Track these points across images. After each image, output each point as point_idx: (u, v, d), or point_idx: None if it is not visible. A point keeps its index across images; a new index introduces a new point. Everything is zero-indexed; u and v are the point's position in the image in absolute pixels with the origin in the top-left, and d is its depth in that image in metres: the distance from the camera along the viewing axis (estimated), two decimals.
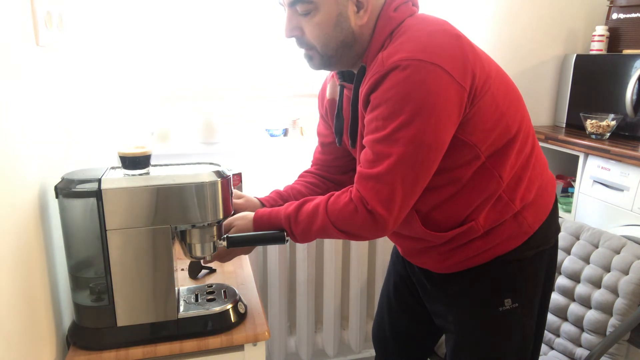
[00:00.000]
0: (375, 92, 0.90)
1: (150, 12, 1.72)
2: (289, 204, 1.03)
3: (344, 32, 0.95)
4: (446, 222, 1.01)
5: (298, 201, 1.03)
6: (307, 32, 0.96)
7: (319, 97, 1.24)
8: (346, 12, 0.94)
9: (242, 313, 1.07)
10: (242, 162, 1.84)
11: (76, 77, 1.19)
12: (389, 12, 0.95)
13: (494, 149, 0.96)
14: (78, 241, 0.96)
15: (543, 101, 2.11)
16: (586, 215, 1.74)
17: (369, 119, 0.92)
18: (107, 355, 0.97)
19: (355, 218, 0.93)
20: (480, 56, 0.94)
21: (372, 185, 0.90)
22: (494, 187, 0.98)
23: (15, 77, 0.83)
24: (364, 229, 0.93)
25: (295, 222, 1.00)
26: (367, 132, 0.93)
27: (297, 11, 0.95)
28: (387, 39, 0.94)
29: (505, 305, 1.04)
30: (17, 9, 0.86)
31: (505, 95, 0.96)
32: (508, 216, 1.00)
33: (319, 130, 1.26)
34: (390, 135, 0.88)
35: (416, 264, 1.16)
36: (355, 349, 1.99)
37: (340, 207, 0.95)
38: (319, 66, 1.01)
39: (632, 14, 1.88)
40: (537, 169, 1.04)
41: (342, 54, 0.98)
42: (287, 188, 1.24)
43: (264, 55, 1.86)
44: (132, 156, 0.97)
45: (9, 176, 0.79)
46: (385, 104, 0.88)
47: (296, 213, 1.00)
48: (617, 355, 1.37)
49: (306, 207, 1.00)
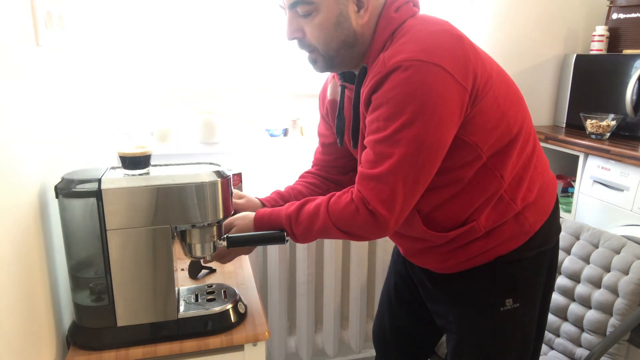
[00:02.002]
0: (376, 92, 0.90)
1: (150, 12, 1.71)
2: (290, 204, 1.03)
3: (345, 31, 0.95)
4: (447, 222, 1.01)
5: (299, 201, 1.02)
6: (308, 34, 0.96)
7: (319, 98, 1.24)
8: (347, 11, 0.94)
9: (242, 313, 1.07)
10: (242, 162, 1.84)
11: (76, 77, 1.19)
12: (390, 12, 0.95)
13: (495, 149, 0.96)
14: (78, 241, 0.96)
15: (543, 101, 2.11)
16: (586, 215, 1.74)
17: (371, 120, 0.92)
18: (107, 355, 0.97)
19: (356, 218, 0.92)
20: (482, 56, 0.94)
21: (373, 186, 0.90)
22: (496, 187, 0.98)
23: (15, 77, 0.83)
24: (365, 230, 0.93)
25: (296, 222, 1.00)
26: (368, 133, 0.93)
27: (297, 13, 0.95)
28: (389, 39, 0.94)
29: (506, 306, 1.04)
30: (17, 9, 0.86)
31: (506, 96, 0.96)
32: (509, 216, 1.00)
33: (320, 130, 1.26)
34: (392, 135, 0.88)
35: (417, 264, 1.16)
36: (355, 349, 1.99)
37: (342, 207, 0.95)
38: (323, 68, 1.01)
39: (632, 14, 1.88)
40: (539, 169, 1.04)
41: (345, 54, 0.98)
42: (287, 188, 1.24)
43: (264, 55, 1.86)
44: (132, 156, 0.97)
45: (9, 176, 0.79)
46: (386, 104, 0.88)
47: (297, 213, 1.00)
48: (617, 355, 1.37)
49: (307, 207, 1.00)
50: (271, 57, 1.87)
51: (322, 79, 1.23)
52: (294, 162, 1.88)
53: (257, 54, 1.85)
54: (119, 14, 1.66)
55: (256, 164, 1.88)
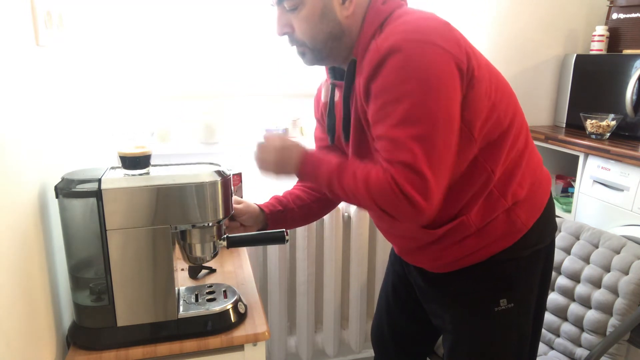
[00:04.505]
0: (375, 80, 0.89)
1: (150, 12, 1.71)
2: (333, 157, 0.98)
3: (330, 24, 0.96)
4: (437, 216, 0.99)
5: (341, 165, 0.96)
6: (296, 28, 0.98)
7: (314, 102, 1.24)
8: (331, 3, 0.95)
9: (242, 313, 1.07)
10: (242, 162, 1.84)
11: (76, 77, 1.19)
12: (377, 5, 0.97)
13: (487, 141, 0.96)
14: (78, 241, 0.96)
15: (543, 101, 2.11)
16: (586, 215, 1.74)
17: (376, 108, 0.90)
18: (107, 355, 0.97)
19: (397, 202, 0.87)
20: (471, 46, 0.94)
21: (401, 172, 0.85)
22: (484, 180, 0.97)
23: (15, 77, 0.83)
24: (404, 214, 0.88)
25: (339, 182, 0.95)
26: (376, 121, 0.90)
27: (285, 8, 0.97)
28: (377, 30, 0.95)
29: (500, 306, 1.04)
30: (17, 8, 0.86)
31: (496, 88, 0.97)
32: (499, 212, 1.00)
33: (316, 135, 1.26)
34: (404, 118, 0.86)
35: (411, 262, 1.16)
36: (355, 349, 1.99)
37: (381, 189, 0.88)
38: (312, 61, 1.02)
39: (632, 14, 1.88)
40: (531, 166, 1.04)
41: (332, 46, 0.99)
42: (285, 193, 1.24)
43: (264, 55, 1.86)
44: (132, 156, 0.97)
45: (9, 176, 0.79)
46: (389, 89, 0.87)
47: (339, 178, 0.95)
48: (617, 355, 1.37)
49: (348, 177, 0.94)
50: (271, 57, 1.87)
51: (321, 78, 1.23)
52: None
53: (257, 54, 1.85)
54: (119, 14, 1.66)
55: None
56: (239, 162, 1.84)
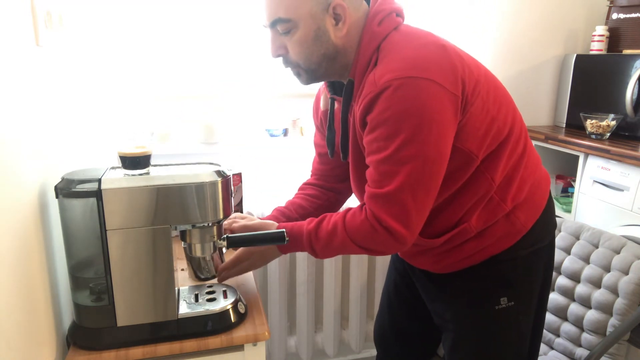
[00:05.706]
0: (370, 113, 0.92)
1: (150, 12, 1.71)
2: (310, 220, 1.04)
3: (324, 45, 0.96)
4: (439, 226, 1.02)
5: (317, 218, 1.03)
6: (290, 50, 0.98)
7: (313, 109, 1.25)
8: (324, 25, 0.95)
9: (242, 313, 1.07)
10: (242, 162, 1.84)
11: (76, 77, 1.19)
12: (372, 26, 0.96)
13: (487, 152, 0.97)
14: (78, 241, 0.96)
15: (543, 101, 2.11)
16: (586, 215, 1.74)
17: (369, 140, 0.93)
18: (107, 355, 0.97)
19: (374, 236, 0.93)
20: (468, 62, 0.95)
21: (383, 204, 0.91)
22: (485, 189, 0.99)
23: (15, 77, 0.83)
24: (385, 246, 0.94)
25: (316, 239, 1.01)
26: (369, 153, 0.94)
27: (278, 31, 0.97)
28: (374, 54, 0.95)
29: (501, 304, 1.05)
30: (17, 9, 0.86)
31: (495, 99, 0.97)
32: (500, 216, 1.01)
33: (316, 140, 1.27)
34: (394, 154, 0.89)
35: (414, 264, 1.17)
36: (355, 349, 1.99)
37: (358, 225, 0.95)
38: (308, 81, 1.03)
39: (632, 14, 1.88)
40: (530, 168, 1.05)
41: (327, 66, 0.99)
42: (288, 203, 1.25)
43: (264, 55, 1.86)
44: (132, 156, 0.97)
45: (9, 176, 0.79)
46: (383, 124, 0.89)
47: (316, 229, 1.01)
48: (617, 355, 1.37)
49: (324, 224, 1.01)
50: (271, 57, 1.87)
51: None
52: (293, 162, 1.88)
53: (257, 54, 1.85)
54: (119, 14, 1.66)
55: (256, 164, 1.88)
56: (239, 162, 1.84)
